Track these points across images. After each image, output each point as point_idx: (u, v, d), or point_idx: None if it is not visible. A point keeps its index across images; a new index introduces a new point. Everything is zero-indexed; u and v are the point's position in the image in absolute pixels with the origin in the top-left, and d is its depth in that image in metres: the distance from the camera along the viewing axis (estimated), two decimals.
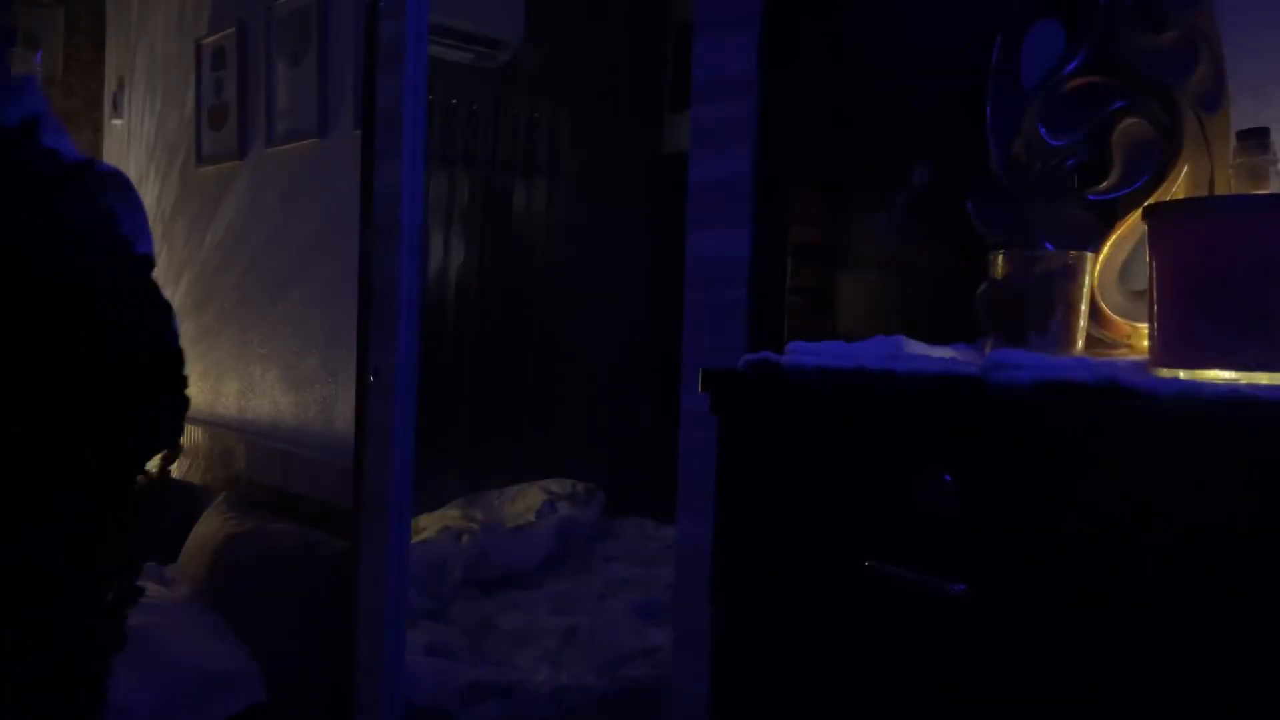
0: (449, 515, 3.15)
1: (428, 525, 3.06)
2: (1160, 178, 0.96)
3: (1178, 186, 0.96)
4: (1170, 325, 0.75)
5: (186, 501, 2.89)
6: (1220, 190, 0.96)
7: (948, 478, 0.75)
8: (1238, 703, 0.60)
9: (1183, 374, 0.73)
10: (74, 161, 0.76)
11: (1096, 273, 0.97)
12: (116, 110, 3.83)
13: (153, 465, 0.78)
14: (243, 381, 2.98)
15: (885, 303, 1.24)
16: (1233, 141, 0.93)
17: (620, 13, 3.77)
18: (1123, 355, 0.97)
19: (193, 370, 0.87)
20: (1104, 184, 1.00)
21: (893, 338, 0.96)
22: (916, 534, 0.77)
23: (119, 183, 0.81)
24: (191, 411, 0.87)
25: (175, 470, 0.85)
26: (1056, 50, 1.03)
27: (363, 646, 2.05)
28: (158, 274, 0.80)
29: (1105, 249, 0.99)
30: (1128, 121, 0.99)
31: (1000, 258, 0.91)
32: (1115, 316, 0.99)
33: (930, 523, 0.76)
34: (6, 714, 0.71)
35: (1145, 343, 0.94)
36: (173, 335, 0.80)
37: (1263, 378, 0.69)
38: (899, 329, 0.99)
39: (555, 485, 3.32)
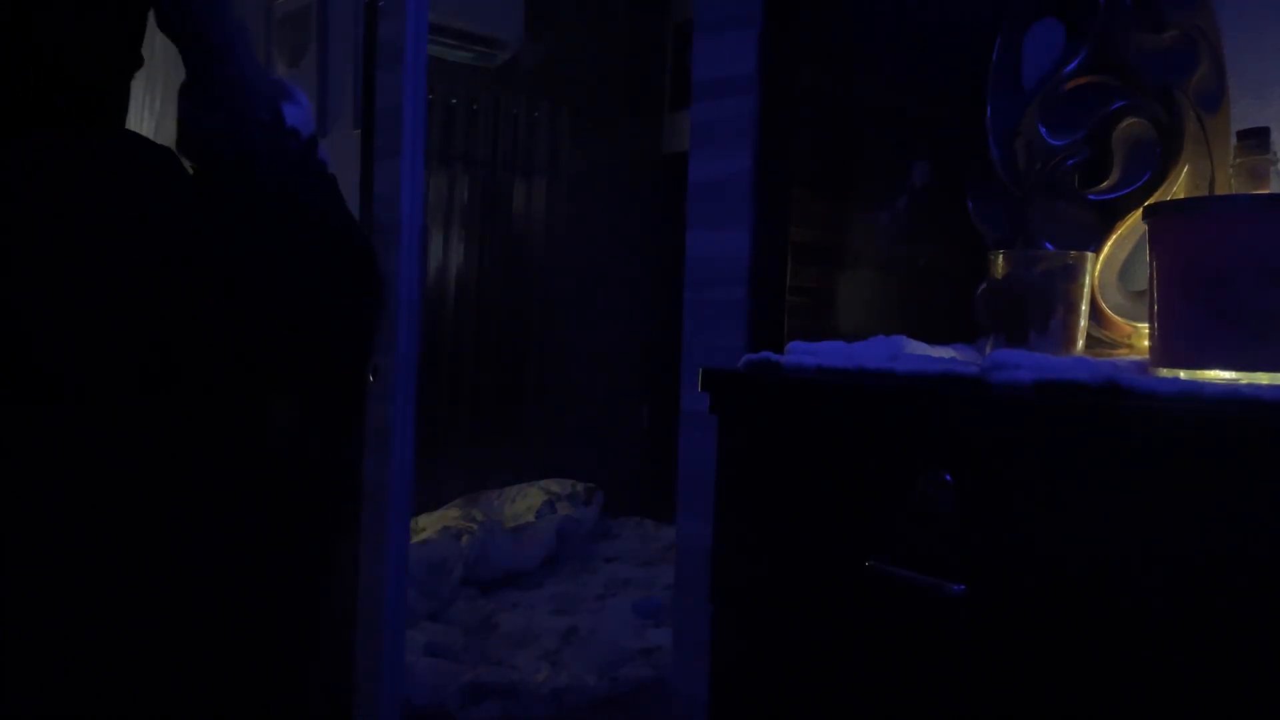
0: (449, 515, 3.15)
1: (427, 525, 3.06)
2: (1160, 178, 0.96)
3: (1178, 186, 0.96)
4: (1170, 325, 0.75)
5: None
6: (1220, 190, 0.96)
7: (948, 477, 0.75)
8: (1238, 703, 0.60)
9: (1183, 374, 0.73)
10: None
11: (1096, 273, 0.97)
12: None
13: None
14: None
15: (885, 303, 1.24)
16: (1233, 141, 0.93)
17: (620, 13, 3.77)
18: (1123, 355, 0.97)
19: None
20: (1104, 184, 1.00)
21: (893, 338, 0.96)
22: (917, 534, 0.77)
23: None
24: None
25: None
26: (1056, 50, 1.03)
27: (363, 646, 2.04)
28: None
29: (1105, 249, 0.99)
30: (1128, 121, 0.99)
31: (1000, 258, 0.90)
32: (1115, 316, 0.99)
33: (930, 522, 0.76)
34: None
35: (1145, 343, 0.94)
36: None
37: (1263, 378, 0.69)
38: (899, 329, 0.99)
39: (555, 485, 3.33)
